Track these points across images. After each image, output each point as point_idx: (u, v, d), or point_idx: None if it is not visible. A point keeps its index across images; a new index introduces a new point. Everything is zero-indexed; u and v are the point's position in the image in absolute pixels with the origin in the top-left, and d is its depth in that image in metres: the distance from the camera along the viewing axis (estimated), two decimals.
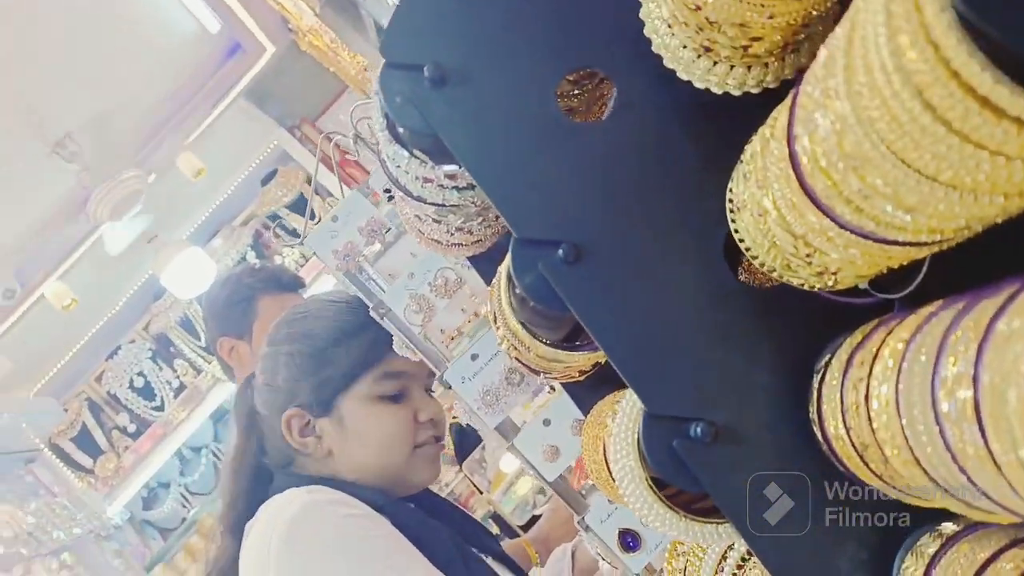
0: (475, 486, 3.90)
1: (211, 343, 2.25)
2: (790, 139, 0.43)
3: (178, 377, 5.50)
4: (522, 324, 0.73)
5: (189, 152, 4.41)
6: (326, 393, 1.27)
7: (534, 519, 3.00)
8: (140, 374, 5.49)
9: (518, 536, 2.49)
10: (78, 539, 4.57)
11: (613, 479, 0.82)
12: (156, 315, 5.55)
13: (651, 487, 0.65)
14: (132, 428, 5.47)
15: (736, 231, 0.62)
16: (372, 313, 1.16)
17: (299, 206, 5.57)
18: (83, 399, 5.50)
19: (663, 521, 0.65)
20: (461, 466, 3.85)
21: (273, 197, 5.57)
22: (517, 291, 0.74)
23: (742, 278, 0.69)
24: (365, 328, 1.28)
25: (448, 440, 4.18)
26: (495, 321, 0.85)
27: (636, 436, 0.66)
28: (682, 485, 0.64)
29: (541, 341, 0.72)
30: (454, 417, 4.33)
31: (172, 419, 5.43)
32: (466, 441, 4.13)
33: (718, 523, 0.65)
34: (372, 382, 1.27)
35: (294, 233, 5.56)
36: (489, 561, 1.37)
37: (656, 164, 0.66)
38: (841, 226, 0.43)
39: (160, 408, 5.47)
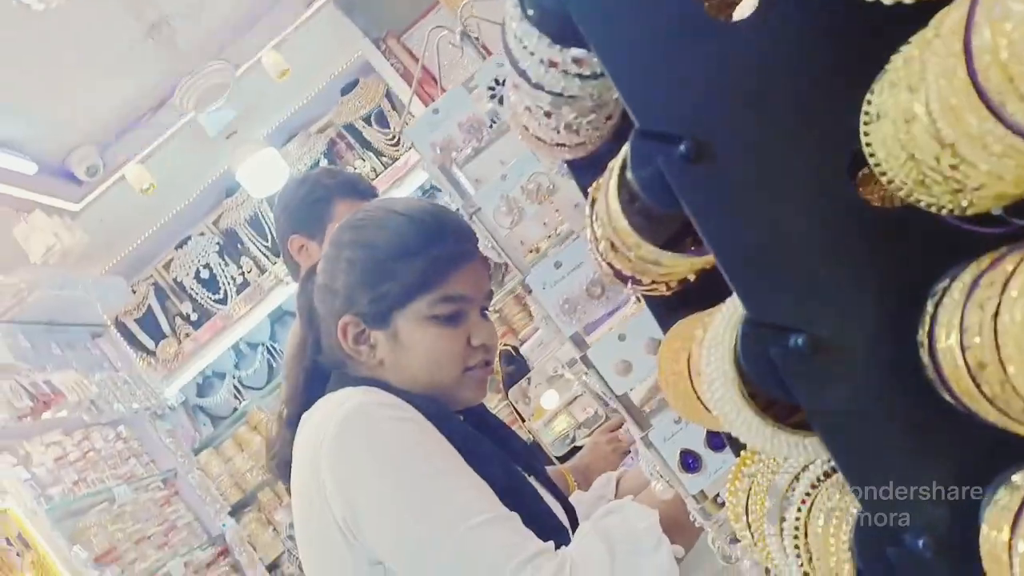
0: (518, 414, 3.95)
1: (281, 240, 2.26)
2: (968, 31, 0.42)
3: (242, 273, 5.63)
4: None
5: (276, 52, 4.43)
6: (383, 307, 1.28)
7: (573, 451, 3.03)
8: (206, 266, 5.63)
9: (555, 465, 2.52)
10: (135, 415, 4.76)
11: (694, 390, 0.82)
12: (227, 211, 5.67)
13: (742, 391, 0.65)
14: (194, 317, 5.64)
15: (868, 144, 0.60)
16: (461, 211, 1.17)
17: (376, 119, 5.59)
18: (150, 283, 5.67)
19: (749, 427, 0.65)
20: (507, 393, 3.89)
21: (352, 107, 5.59)
22: (627, 188, 0.74)
23: None
24: (428, 246, 1.28)
25: (497, 366, 4.23)
26: (593, 221, 0.85)
27: (732, 342, 0.66)
28: (776, 394, 0.64)
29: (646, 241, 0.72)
30: (505, 344, 4.38)
31: (233, 313, 5.58)
32: (515, 371, 4.17)
33: (804, 435, 0.65)
34: (430, 303, 1.28)
35: (368, 145, 5.60)
36: (531, 480, 1.39)
37: (793, 70, 0.65)
38: (1008, 126, 0.41)
39: (223, 301, 5.62)
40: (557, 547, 1.17)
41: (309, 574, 1.32)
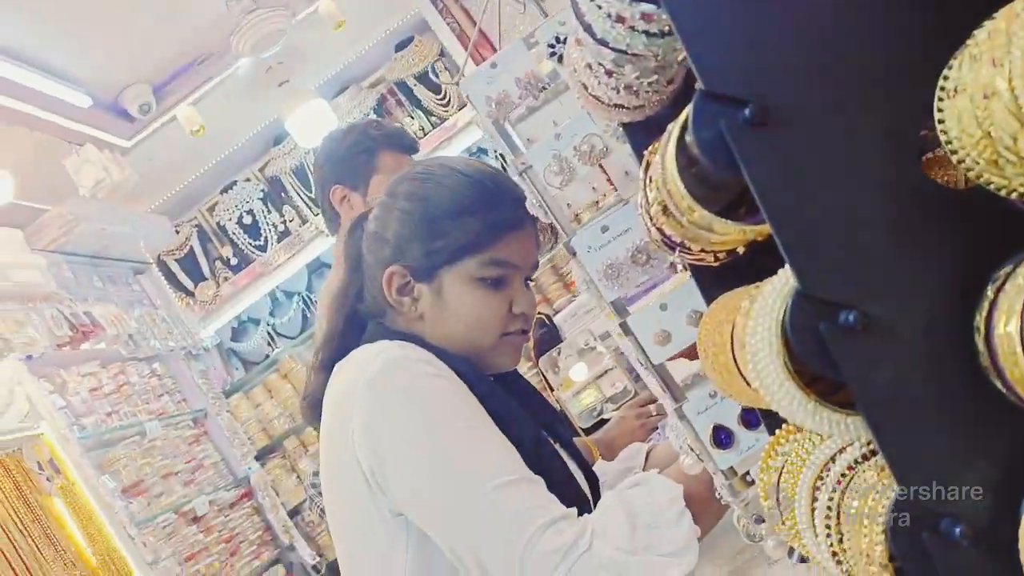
0: (548, 383, 3.95)
1: (322, 189, 2.25)
2: None
3: (284, 222, 5.68)
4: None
5: (334, 2, 4.42)
6: (431, 262, 1.29)
7: (599, 425, 3.03)
8: (249, 212, 5.69)
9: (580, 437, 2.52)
10: (170, 353, 4.84)
11: (734, 362, 0.81)
12: (274, 159, 5.71)
13: (786, 364, 0.64)
14: (234, 261, 5.71)
15: (941, 121, 0.58)
16: (511, 168, 1.16)
17: (427, 79, 5.58)
18: (194, 225, 5.74)
19: (791, 400, 0.64)
20: (537, 361, 3.89)
21: (405, 64, 5.58)
22: (685, 151, 0.72)
23: None
24: (485, 209, 1.27)
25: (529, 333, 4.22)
26: (647, 184, 0.84)
27: (781, 314, 0.64)
28: (821, 370, 0.63)
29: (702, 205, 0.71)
30: (539, 313, 4.37)
31: (272, 261, 5.64)
32: (547, 338, 4.17)
33: (847, 414, 0.64)
34: (477, 264, 1.28)
35: (418, 104, 5.59)
36: (558, 448, 1.39)
37: (868, 41, 0.63)
38: None
39: (263, 248, 5.68)
40: (579, 515, 1.17)
41: (332, 520, 1.33)
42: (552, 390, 3.68)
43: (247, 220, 5.69)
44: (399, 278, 1.31)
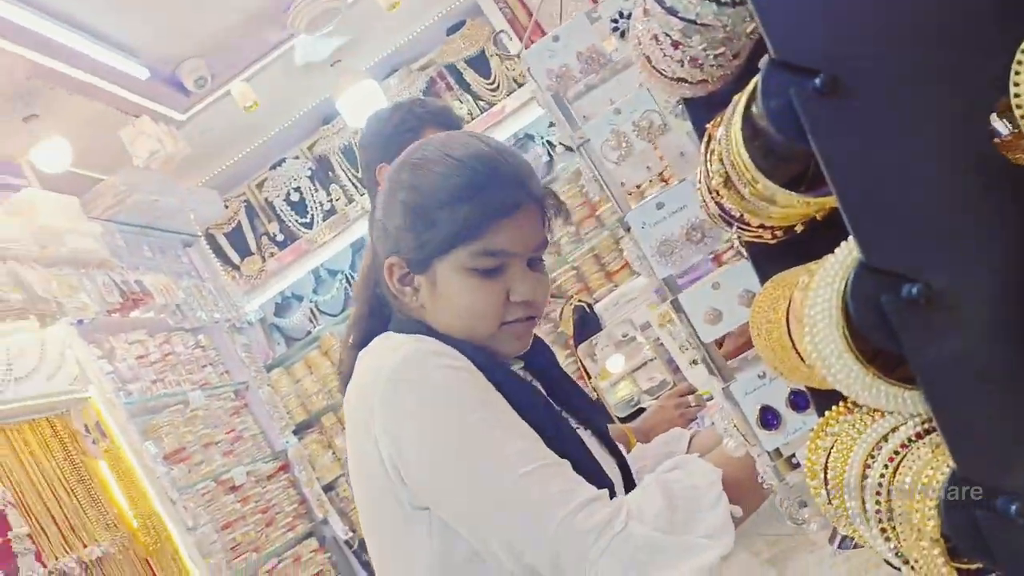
0: (585, 370, 3.96)
1: (367, 167, 2.26)
2: None
3: (331, 200, 5.74)
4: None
5: None
6: (425, 253, 1.27)
7: (635, 415, 3.02)
8: (297, 189, 5.75)
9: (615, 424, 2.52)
10: (215, 325, 4.92)
11: (789, 339, 0.81)
12: (323, 137, 5.76)
13: (846, 336, 0.64)
14: (280, 238, 5.78)
15: (1017, 95, 0.58)
16: (568, 141, 1.16)
17: (478, 62, 5.59)
18: (242, 200, 5.82)
19: (849, 372, 0.64)
20: (576, 348, 3.89)
21: (456, 48, 5.59)
22: (750, 123, 0.72)
23: None
24: (472, 195, 1.24)
25: (568, 320, 4.22)
26: (708, 158, 0.84)
27: (843, 287, 0.64)
28: (882, 343, 0.62)
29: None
30: (579, 300, 4.37)
31: (317, 238, 5.70)
32: (586, 325, 4.16)
33: (905, 388, 0.64)
34: (469, 255, 1.25)
35: (467, 88, 5.60)
36: (587, 435, 1.36)
37: (941, 11, 0.62)
38: None
39: (309, 225, 5.74)
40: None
41: (362, 513, 1.33)
42: (589, 378, 3.68)
43: (294, 197, 5.76)
44: (398, 269, 1.30)
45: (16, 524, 3.14)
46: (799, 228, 0.86)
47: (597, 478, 1.25)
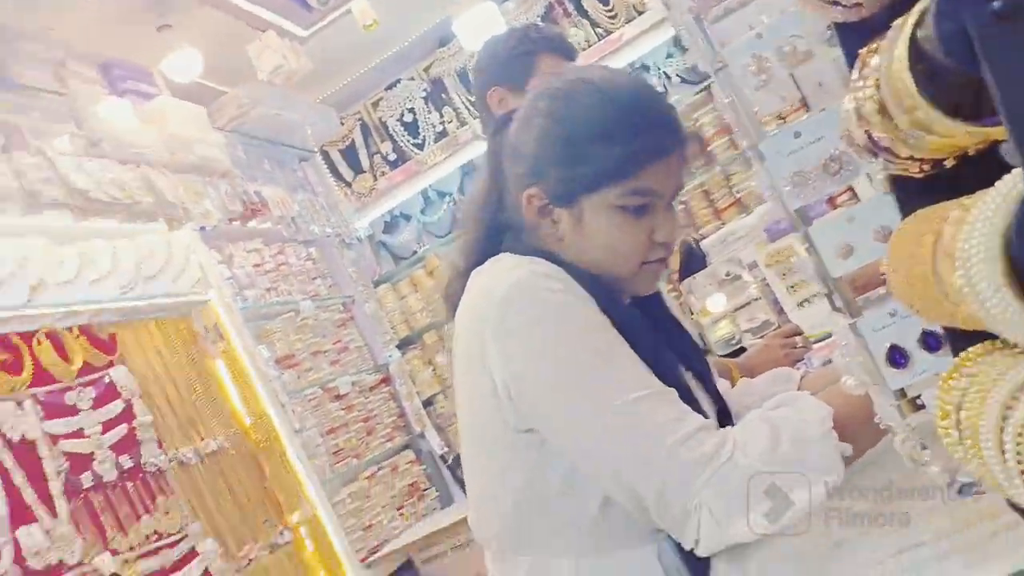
0: (687, 306, 3.93)
1: (480, 90, 2.26)
2: None
3: (443, 123, 5.78)
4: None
5: None
6: (570, 188, 1.25)
7: (736, 353, 2.99)
8: (411, 110, 5.82)
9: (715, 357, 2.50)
10: (326, 239, 5.07)
11: (933, 274, 0.79)
12: (439, 59, 5.78)
13: (1005, 270, 0.62)
14: (392, 157, 5.88)
15: None
16: (707, 67, 1.14)
17: None
18: (357, 119, 5.93)
19: (1004, 308, 0.62)
20: (680, 284, 3.86)
21: None
22: (914, 47, 0.70)
23: None
24: (627, 134, 1.21)
25: (675, 254, 4.19)
26: (860, 84, 0.81)
27: (1005, 220, 0.62)
28: None
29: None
30: (687, 235, 4.31)
31: (428, 160, 5.77)
32: (692, 261, 4.12)
33: None
34: (620, 193, 1.23)
35: (585, 14, 5.51)
36: (688, 375, 1.35)
37: None
38: None
39: (420, 147, 5.81)
40: None
41: (463, 430, 1.35)
42: (692, 313, 3.66)
43: (408, 118, 5.82)
44: (538, 200, 1.28)
45: (141, 413, 3.36)
46: (949, 162, 0.84)
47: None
